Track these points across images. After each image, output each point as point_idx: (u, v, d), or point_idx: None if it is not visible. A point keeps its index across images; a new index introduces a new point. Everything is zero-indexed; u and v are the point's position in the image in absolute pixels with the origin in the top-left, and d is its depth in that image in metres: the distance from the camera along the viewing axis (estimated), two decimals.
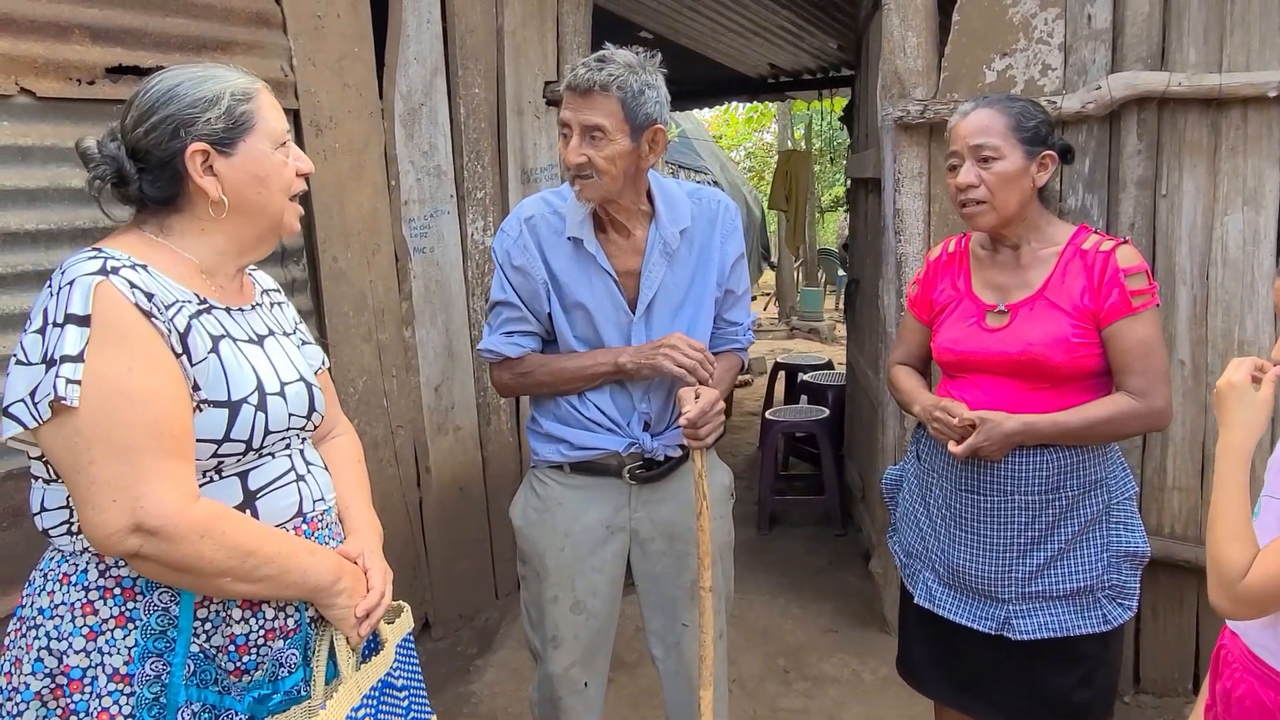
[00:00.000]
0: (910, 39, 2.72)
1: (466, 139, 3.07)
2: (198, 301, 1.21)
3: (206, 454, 1.17)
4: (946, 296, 1.86)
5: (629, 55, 1.67)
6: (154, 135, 1.18)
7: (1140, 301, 1.67)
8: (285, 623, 1.25)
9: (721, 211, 1.88)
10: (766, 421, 4.54)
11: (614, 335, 1.82)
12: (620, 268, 1.80)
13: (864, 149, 3.92)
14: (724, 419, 1.78)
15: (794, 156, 10.82)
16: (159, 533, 1.08)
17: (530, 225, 1.82)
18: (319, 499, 1.33)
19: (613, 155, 1.66)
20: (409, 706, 1.40)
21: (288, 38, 2.48)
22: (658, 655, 2.00)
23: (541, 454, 1.90)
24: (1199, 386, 2.48)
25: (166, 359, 1.12)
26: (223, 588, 1.15)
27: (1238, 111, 2.35)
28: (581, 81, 1.63)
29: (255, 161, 1.23)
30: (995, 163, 1.69)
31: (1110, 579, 1.73)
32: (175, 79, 1.21)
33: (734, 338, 1.96)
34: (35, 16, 1.93)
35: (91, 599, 1.15)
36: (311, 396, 1.32)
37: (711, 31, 5.72)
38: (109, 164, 1.19)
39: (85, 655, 1.14)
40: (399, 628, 1.43)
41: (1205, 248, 2.44)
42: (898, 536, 2.00)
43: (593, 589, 1.89)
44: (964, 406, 1.73)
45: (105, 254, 1.14)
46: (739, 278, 1.92)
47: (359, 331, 2.77)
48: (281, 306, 1.43)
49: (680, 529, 1.88)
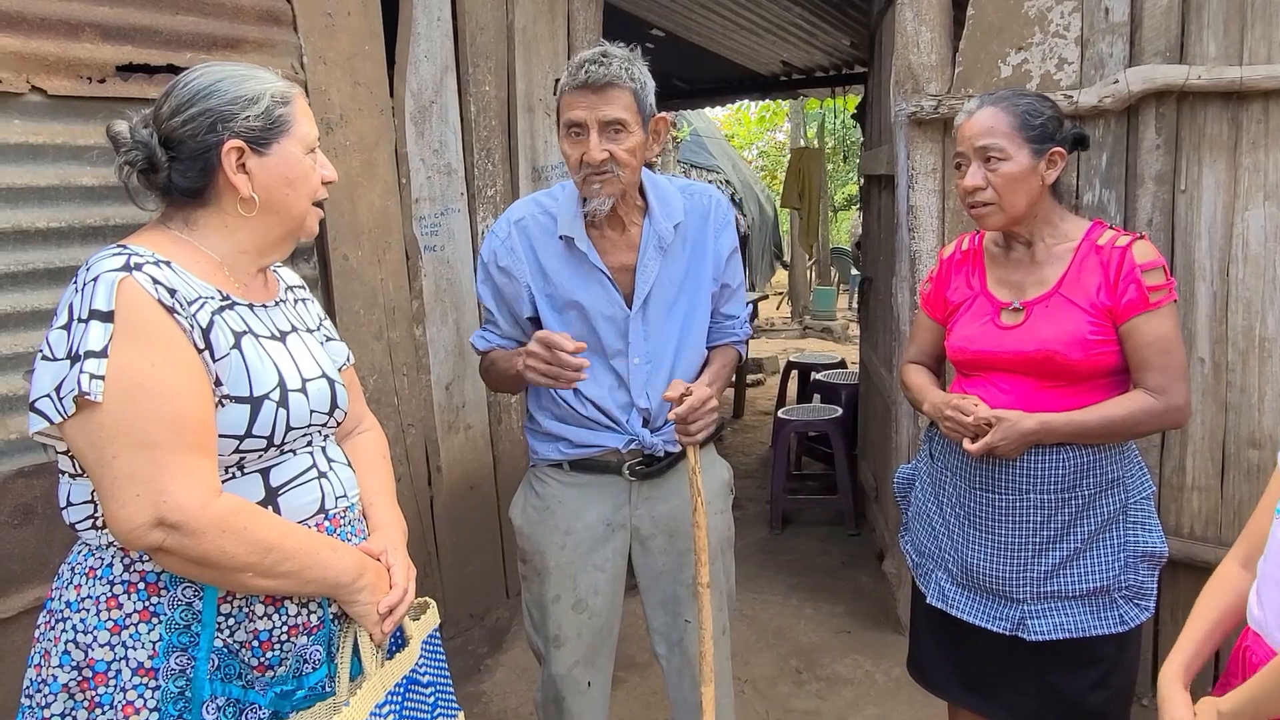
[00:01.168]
0: (924, 34, 2.70)
1: (477, 137, 3.06)
2: (220, 298, 1.21)
3: (228, 450, 1.18)
4: (961, 294, 1.84)
5: (624, 50, 1.69)
6: (191, 126, 1.19)
7: (1158, 297, 1.64)
8: (308, 619, 1.25)
9: (714, 206, 1.88)
10: (779, 421, 4.52)
11: (610, 332, 1.81)
12: (614, 264, 1.80)
13: (877, 145, 3.89)
14: (716, 415, 1.78)
15: (807, 154, 10.79)
16: (181, 527, 1.09)
17: (520, 227, 1.82)
18: (341, 495, 1.33)
19: (633, 147, 1.67)
20: (435, 703, 1.40)
21: (298, 35, 2.48)
22: (661, 653, 1.99)
23: (541, 453, 1.90)
24: (1219, 384, 2.44)
25: (189, 354, 1.13)
26: (244, 583, 1.16)
27: (1259, 105, 2.31)
28: (597, 77, 1.62)
29: (287, 164, 1.25)
30: (1001, 164, 1.66)
31: (1127, 579, 1.71)
32: (218, 74, 1.23)
33: (732, 331, 1.96)
34: (46, 14, 1.93)
35: (116, 593, 1.17)
36: (334, 393, 1.32)
37: (723, 29, 5.69)
38: (140, 149, 1.20)
39: (110, 649, 1.16)
40: (424, 624, 1.43)
41: (1225, 244, 2.40)
42: (910, 536, 1.98)
43: (594, 587, 1.88)
44: (979, 402, 1.70)
45: (129, 250, 1.15)
46: (734, 271, 1.92)
47: (370, 330, 2.77)
48: (305, 303, 1.44)
49: (681, 525, 1.88)
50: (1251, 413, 2.41)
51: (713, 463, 1.96)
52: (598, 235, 1.79)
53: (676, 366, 1.85)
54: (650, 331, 1.82)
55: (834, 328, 10.47)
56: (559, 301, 1.81)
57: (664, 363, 1.84)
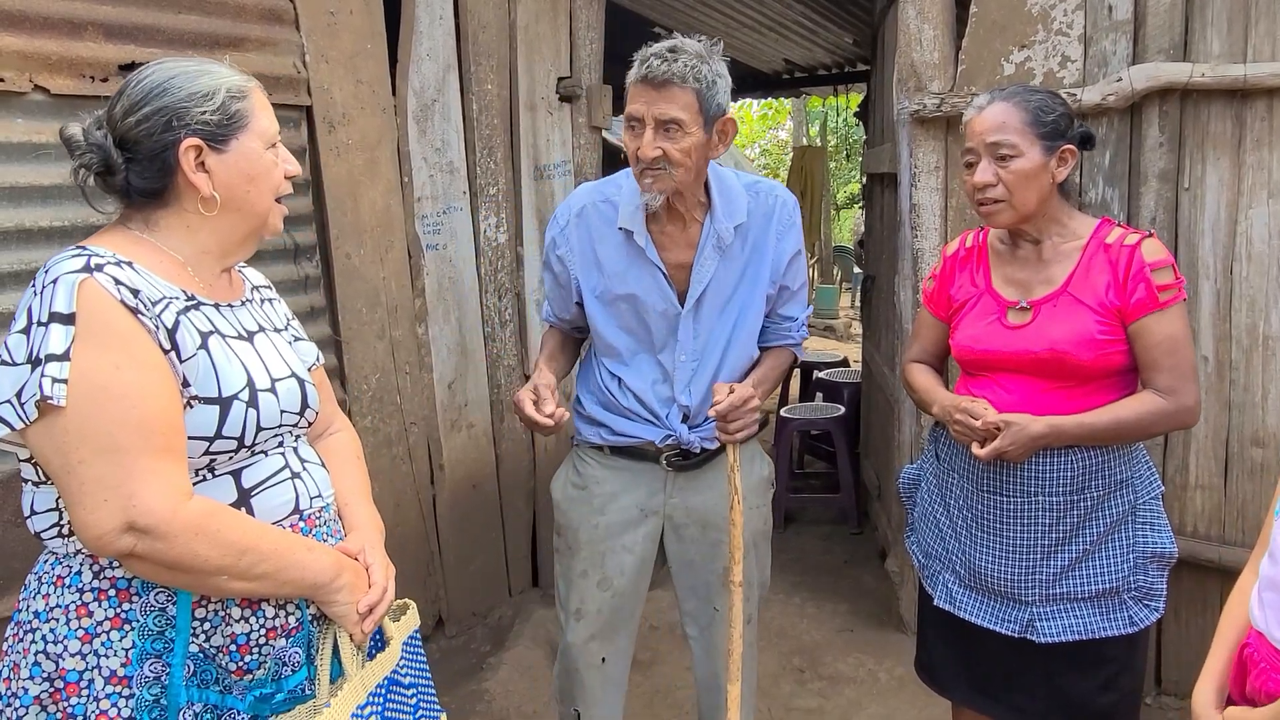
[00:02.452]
0: (927, 31, 2.69)
1: (479, 135, 3.06)
2: (185, 298, 1.19)
3: (198, 451, 1.16)
4: (965, 293, 1.83)
5: (698, 45, 1.64)
6: (146, 126, 1.16)
7: (1167, 296, 1.62)
8: (286, 621, 1.24)
9: (779, 206, 1.85)
10: (781, 419, 4.51)
11: (661, 327, 1.82)
12: (671, 260, 1.80)
13: (880, 144, 3.89)
14: (759, 414, 1.77)
15: (809, 153, 10.78)
16: (152, 531, 1.06)
17: (580, 217, 1.83)
18: (316, 495, 1.32)
19: (688, 148, 1.64)
20: (417, 704, 1.39)
21: (300, 34, 2.48)
22: (691, 634, 2.03)
23: (584, 434, 1.93)
24: (1222, 383, 2.44)
25: (154, 355, 1.11)
26: (219, 586, 1.14)
27: (1263, 102, 2.31)
28: (657, 73, 1.59)
29: (247, 160, 1.22)
30: (1013, 160, 1.64)
31: (1137, 580, 1.70)
32: (170, 71, 1.19)
33: (787, 333, 1.94)
34: (49, 14, 1.93)
35: (86, 601, 1.14)
36: (304, 393, 1.31)
37: (725, 27, 5.69)
38: (95, 152, 1.17)
39: (81, 658, 1.13)
40: (405, 625, 1.42)
41: (1229, 242, 2.39)
42: (916, 537, 1.97)
43: (620, 568, 1.91)
44: (988, 406, 1.69)
45: (89, 251, 1.12)
46: (795, 273, 1.89)
47: (372, 329, 2.77)
48: (273, 303, 1.42)
49: (714, 517, 1.88)
50: (1255, 411, 2.40)
51: (753, 458, 1.97)
52: (657, 230, 1.79)
53: (723, 366, 1.84)
54: (700, 330, 1.82)
55: (836, 326, 10.45)
56: (609, 295, 1.82)
57: (710, 361, 1.84)
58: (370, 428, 2.78)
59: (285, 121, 2.47)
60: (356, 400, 2.73)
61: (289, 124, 2.48)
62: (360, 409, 2.74)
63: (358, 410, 2.74)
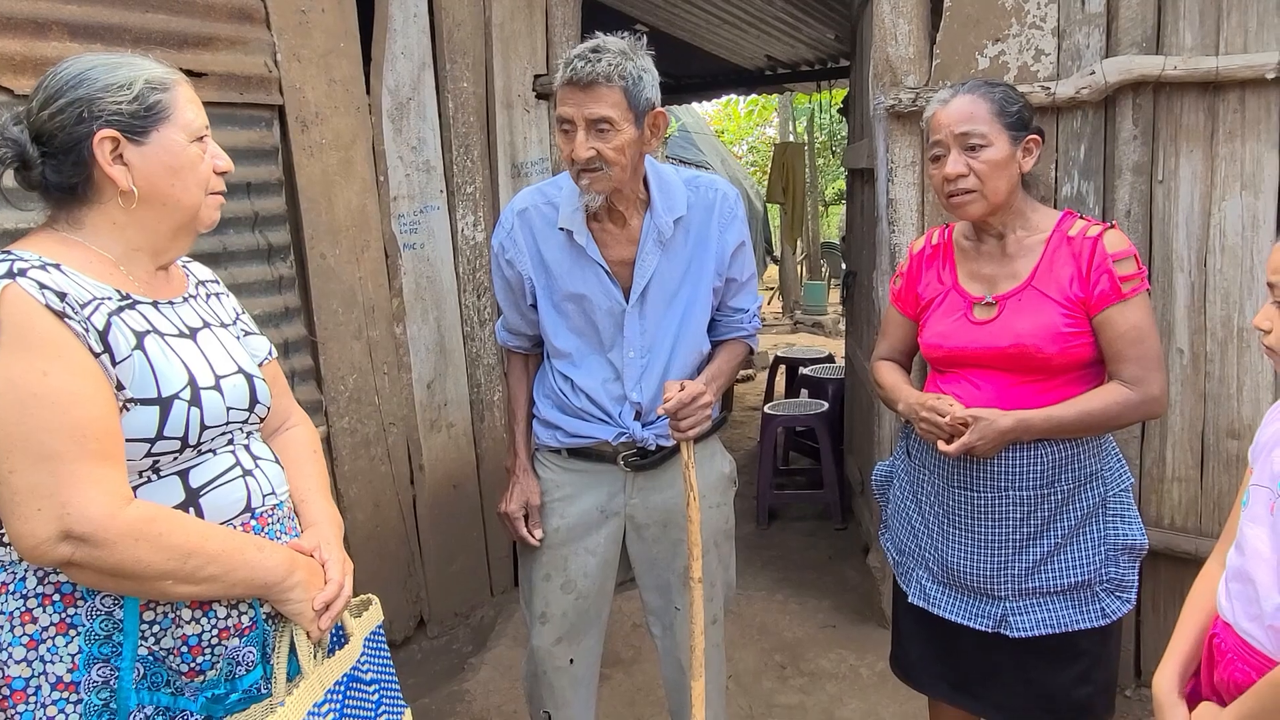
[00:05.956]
0: (902, 26, 2.69)
1: (455, 134, 3.04)
2: (119, 297, 1.17)
3: (140, 454, 1.14)
4: (932, 290, 1.82)
5: (621, 42, 1.66)
6: (61, 118, 1.14)
7: (1130, 287, 1.63)
8: (239, 620, 1.22)
9: (719, 199, 1.85)
10: (766, 416, 4.51)
11: (609, 325, 1.83)
12: (614, 257, 1.80)
13: (859, 139, 3.89)
14: (709, 411, 1.77)
15: (790, 149, 10.80)
16: (90, 538, 1.05)
17: (523, 217, 1.84)
18: (269, 493, 1.30)
19: (621, 145, 1.65)
20: (379, 700, 1.38)
21: (271, 33, 2.46)
22: (656, 633, 2.04)
23: (541, 438, 1.94)
24: (1198, 375, 2.45)
25: (84, 360, 1.09)
26: (165, 591, 1.12)
27: (1235, 94, 2.31)
28: (582, 75, 1.60)
29: (169, 152, 1.19)
30: (984, 150, 1.64)
31: (1108, 572, 1.70)
32: (87, 63, 1.17)
33: (740, 325, 1.95)
34: (13, 13, 1.91)
35: (30, 607, 1.12)
36: (253, 388, 1.29)
37: (706, 23, 5.68)
38: (10, 147, 1.15)
39: (27, 665, 1.12)
40: (367, 621, 1.41)
41: (1203, 234, 2.40)
42: (889, 534, 1.97)
43: (584, 570, 1.91)
44: (954, 402, 1.69)
45: (12, 256, 1.10)
46: (741, 265, 1.90)
47: (349, 329, 2.75)
48: (220, 298, 1.40)
49: (674, 515, 1.89)
50: (1230, 403, 2.41)
51: (712, 456, 1.96)
52: (598, 229, 1.79)
53: (673, 361, 1.85)
54: (647, 325, 1.82)
55: (825, 322, 10.46)
56: (557, 295, 1.83)
57: (660, 357, 1.84)
58: (348, 428, 2.77)
59: (257, 121, 2.46)
60: (334, 401, 2.72)
61: (261, 124, 2.46)
62: (338, 410, 2.73)
63: (335, 411, 2.72)
